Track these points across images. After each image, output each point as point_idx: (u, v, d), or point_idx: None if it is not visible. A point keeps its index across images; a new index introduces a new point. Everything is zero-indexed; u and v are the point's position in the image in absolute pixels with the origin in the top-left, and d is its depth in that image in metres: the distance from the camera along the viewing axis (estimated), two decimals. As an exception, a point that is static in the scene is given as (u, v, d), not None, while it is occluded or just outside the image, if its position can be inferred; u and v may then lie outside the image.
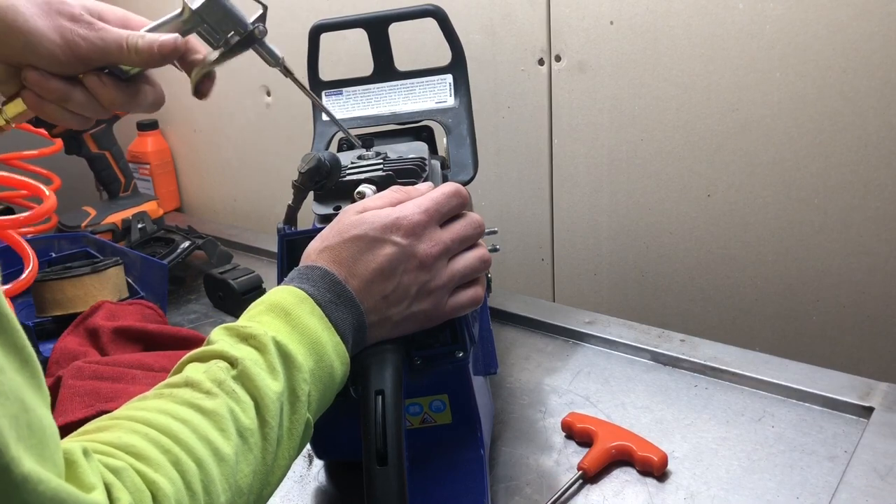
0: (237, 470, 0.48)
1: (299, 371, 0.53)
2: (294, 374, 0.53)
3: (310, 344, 0.55)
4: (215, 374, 0.51)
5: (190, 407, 0.49)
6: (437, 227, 0.62)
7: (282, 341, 0.53)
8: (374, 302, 0.59)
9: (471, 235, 0.64)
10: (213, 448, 0.47)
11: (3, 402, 0.35)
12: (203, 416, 0.48)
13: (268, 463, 0.51)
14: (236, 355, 0.52)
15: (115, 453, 0.44)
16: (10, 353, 0.37)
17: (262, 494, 0.51)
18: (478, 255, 0.64)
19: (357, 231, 0.60)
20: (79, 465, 0.40)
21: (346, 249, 0.59)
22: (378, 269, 0.59)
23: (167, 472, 0.44)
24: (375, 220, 0.60)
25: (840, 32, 0.87)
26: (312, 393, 0.54)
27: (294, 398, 0.53)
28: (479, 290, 0.65)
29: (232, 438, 0.48)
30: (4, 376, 0.35)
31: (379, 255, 0.59)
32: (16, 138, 1.36)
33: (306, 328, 0.55)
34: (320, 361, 0.55)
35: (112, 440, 0.45)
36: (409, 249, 0.60)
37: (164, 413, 0.48)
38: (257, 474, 0.50)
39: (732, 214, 1.01)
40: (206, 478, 0.46)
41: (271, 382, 0.52)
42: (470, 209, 0.66)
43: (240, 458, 0.49)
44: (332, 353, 0.56)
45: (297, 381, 0.53)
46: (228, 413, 0.49)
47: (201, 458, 0.46)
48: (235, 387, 0.50)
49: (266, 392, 0.51)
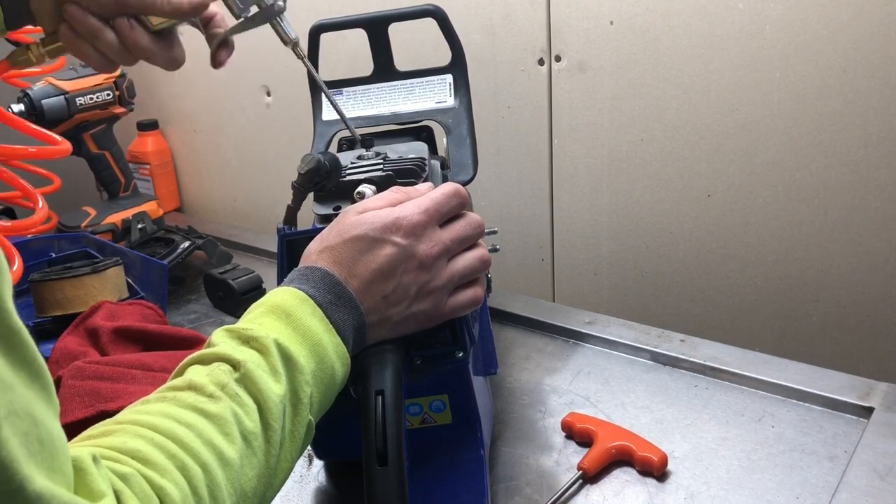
0: (242, 474, 0.48)
1: (301, 373, 0.53)
2: (296, 376, 0.53)
3: (311, 346, 0.55)
4: (218, 377, 0.51)
5: (194, 411, 0.49)
6: (437, 227, 0.62)
7: (283, 343, 0.53)
8: (374, 302, 0.59)
9: (470, 235, 0.64)
10: (218, 452, 0.47)
11: (13, 420, 0.35)
12: (207, 420, 0.48)
13: (271, 466, 0.51)
14: (239, 358, 0.52)
15: (122, 459, 0.44)
16: (20, 368, 0.37)
17: (266, 497, 0.51)
18: (477, 255, 0.64)
19: (357, 231, 0.60)
20: (88, 472, 0.40)
21: (346, 250, 0.59)
22: (378, 269, 0.59)
23: (174, 477, 0.44)
24: (375, 221, 0.60)
25: (840, 32, 0.87)
26: (314, 394, 0.54)
27: (296, 400, 0.53)
28: (479, 291, 0.65)
29: (236, 442, 0.48)
30: (14, 393, 0.35)
31: (379, 255, 0.59)
32: (16, 138, 1.36)
33: (307, 330, 0.55)
34: (321, 363, 0.55)
35: (118, 445, 0.45)
36: (408, 250, 0.60)
37: (169, 417, 0.48)
38: (261, 477, 0.50)
39: (732, 214, 1.01)
40: (212, 482, 0.46)
41: (274, 385, 0.52)
42: (470, 209, 0.66)
43: (244, 461, 0.49)
44: (332, 355, 0.56)
45: (299, 383, 0.53)
46: (232, 417, 0.49)
47: (206, 463, 0.46)
48: (238, 390, 0.50)
49: (269, 395, 0.51)
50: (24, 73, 1.35)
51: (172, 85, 1.53)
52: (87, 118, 1.27)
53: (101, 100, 1.27)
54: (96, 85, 1.26)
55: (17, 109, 1.20)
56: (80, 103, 1.24)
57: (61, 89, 1.23)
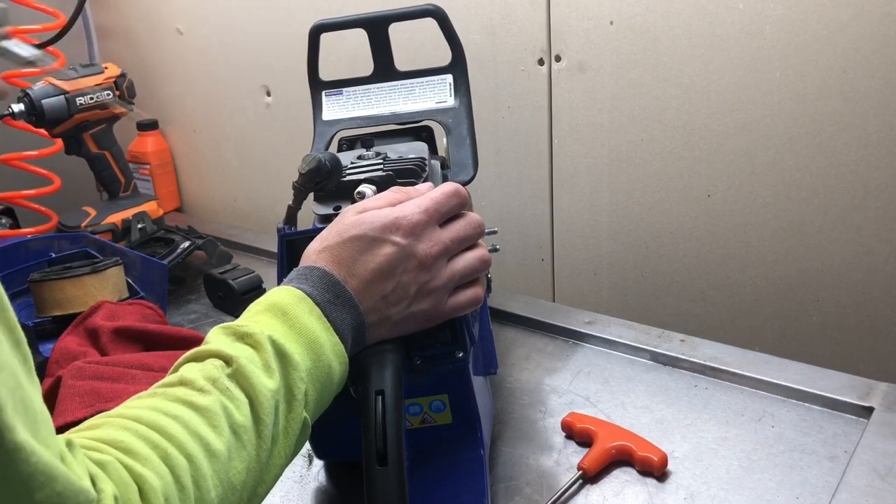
0: (230, 466, 0.48)
1: (296, 370, 0.53)
2: (290, 372, 0.53)
3: (307, 343, 0.55)
4: (209, 371, 0.51)
5: (182, 404, 0.49)
6: (437, 226, 0.62)
7: (278, 340, 0.53)
8: (374, 302, 0.59)
9: (470, 235, 0.64)
10: (205, 444, 0.47)
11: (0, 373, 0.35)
12: (195, 412, 0.48)
13: (262, 460, 0.51)
14: (231, 353, 0.52)
15: (102, 448, 0.44)
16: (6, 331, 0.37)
17: (257, 492, 0.51)
18: (477, 255, 0.64)
19: (356, 231, 0.60)
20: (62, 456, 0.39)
21: (346, 250, 0.59)
22: (377, 269, 0.59)
23: (155, 466, 0.44)
24: (375, 220, 0.60)
25: (840, 32, 0.87)
26: (310, 392, 0.54)
27: (290, 396, 0.53)
28: (479, 291, 0.65)
29: (224, 435, 0.48)
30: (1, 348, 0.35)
31: (378, 255, 0.59)
32: (16, 138, 1.36)
33: (304, 327, 0.55)
34: (318, 361, 0.55)
35: (101, 436, 0.45)
36: (408, 249, 0.60)
37: (156, 410, 0.48)
38: (251, 471, 0.50)
39: (732, 214, 1.01)
40: (197, 473, 0.46)
41: (266, 380, 0.52)
42: (470, 209, 0.66)
43: (232, 454, 0.49)
44: (330, 353, 0.56)
45: (293, 379, 0.53)
46: (221, 410, 0.49)
47: (192, 454, 0.46)
48: (230, 384, 0.51)
49: (261, 390, 0.51)
50: (24, 73, 1.35)
51: (172, 85, 1.53)
52: (87, 118, 1.27)
53: (100, 100, 1.27)
54: (96, 85, 1.26)
55: (17, 109, 1.20)
56: (80, 103, 1.24)
57: (61, 89, 1.22)
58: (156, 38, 1.50)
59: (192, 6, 1.42)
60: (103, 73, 1.28)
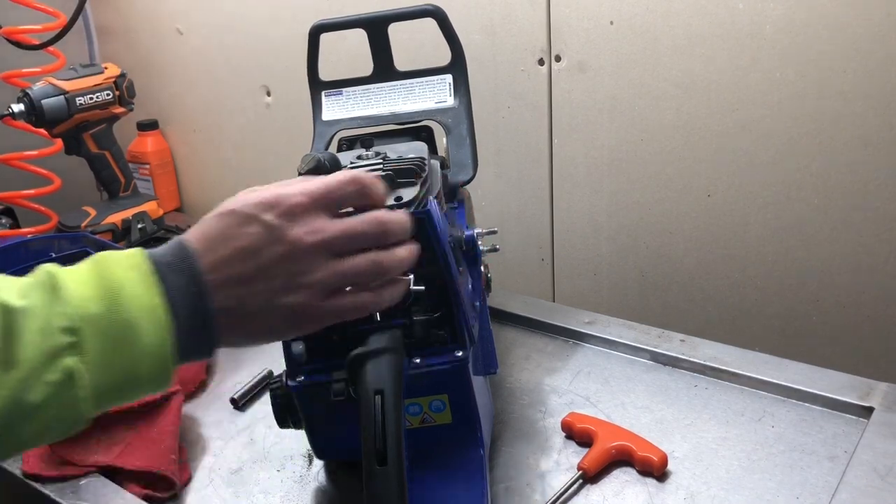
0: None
1: (62, 304, 0.50)
2: (53, 305, 0.50)
3: (104, 290, 0.51)
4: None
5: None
6: (324, 215, 0.56)
7: (58, 275, 0.51)
8: (225, 280, 0.54)
9: (366, 234, 0.56)
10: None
11: None
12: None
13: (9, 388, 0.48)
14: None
15: None
16: None
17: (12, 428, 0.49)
18: (370, 258, 0.57)
19: (230, 206, 0.56)
20: None
21: (216, 225, 0.56)
22: (240, 247, 0.54)
23: None
24: (252, 198, 0.56)
25: (840, 32, 0.86)
26: (87, 337, 0.50)
27: (46, 325, 0.49)
28: (367, 298, 0.58)
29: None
30: None
31: (244, 232, 0.54)
32: (16, 138, 1.36)
33: (110, 276, 0.51)
34: (113, 311, 0.50)
35: None
36: (277, 231, 0.54)
37: None
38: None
39: (732, 214, 1.01)
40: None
41: (13, 299, 0.49)
42: (381, 206, 0.59)
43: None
44: (135, 308, 0.51)
45: (53, 312, 0.49)
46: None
47: None
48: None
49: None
50: (24, 73, 1.35)
51: (172, 85, 1.53)
52: (86, 118, 1.27)
53: (100, 100, 1.27)
54: (96, 85, 1.26)
55: (17, 109, 1.20)
56: (79, 103, 1.24)
57: (61, 89, 1.23)
58: (156, 38, 1.50)
59: (192, 6, 1.42)
60: (103, 73, 1.28)
